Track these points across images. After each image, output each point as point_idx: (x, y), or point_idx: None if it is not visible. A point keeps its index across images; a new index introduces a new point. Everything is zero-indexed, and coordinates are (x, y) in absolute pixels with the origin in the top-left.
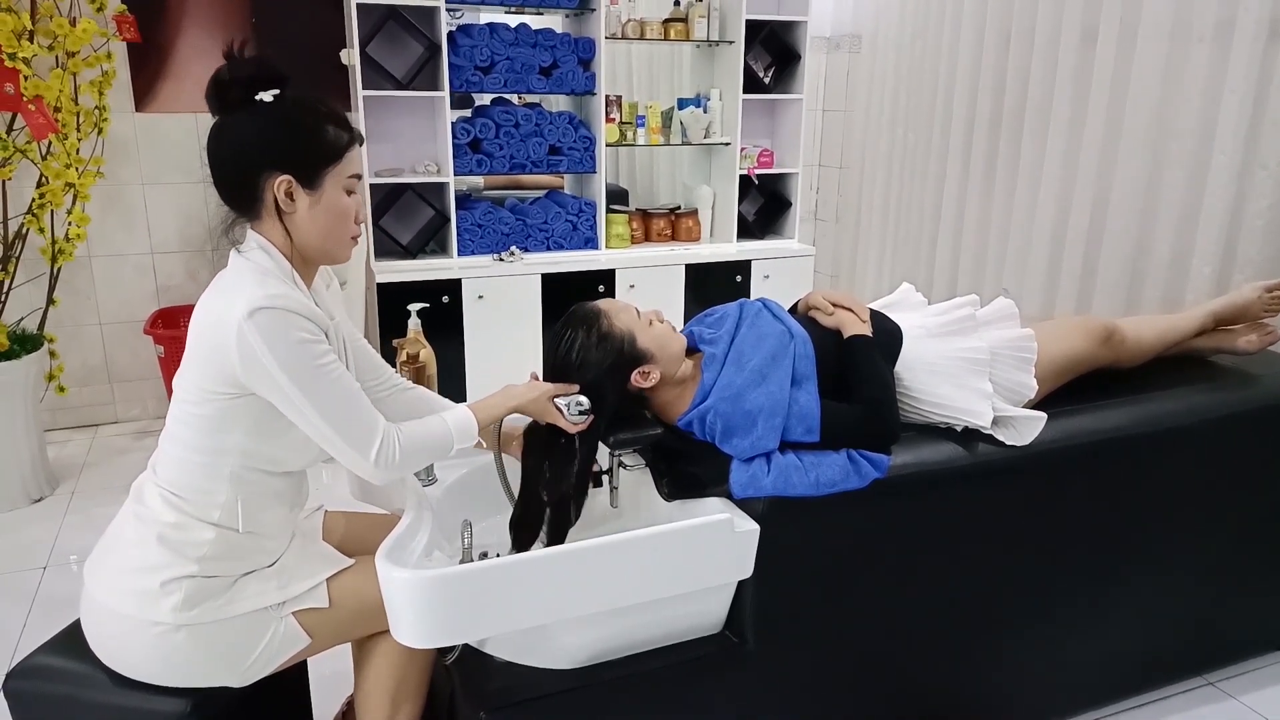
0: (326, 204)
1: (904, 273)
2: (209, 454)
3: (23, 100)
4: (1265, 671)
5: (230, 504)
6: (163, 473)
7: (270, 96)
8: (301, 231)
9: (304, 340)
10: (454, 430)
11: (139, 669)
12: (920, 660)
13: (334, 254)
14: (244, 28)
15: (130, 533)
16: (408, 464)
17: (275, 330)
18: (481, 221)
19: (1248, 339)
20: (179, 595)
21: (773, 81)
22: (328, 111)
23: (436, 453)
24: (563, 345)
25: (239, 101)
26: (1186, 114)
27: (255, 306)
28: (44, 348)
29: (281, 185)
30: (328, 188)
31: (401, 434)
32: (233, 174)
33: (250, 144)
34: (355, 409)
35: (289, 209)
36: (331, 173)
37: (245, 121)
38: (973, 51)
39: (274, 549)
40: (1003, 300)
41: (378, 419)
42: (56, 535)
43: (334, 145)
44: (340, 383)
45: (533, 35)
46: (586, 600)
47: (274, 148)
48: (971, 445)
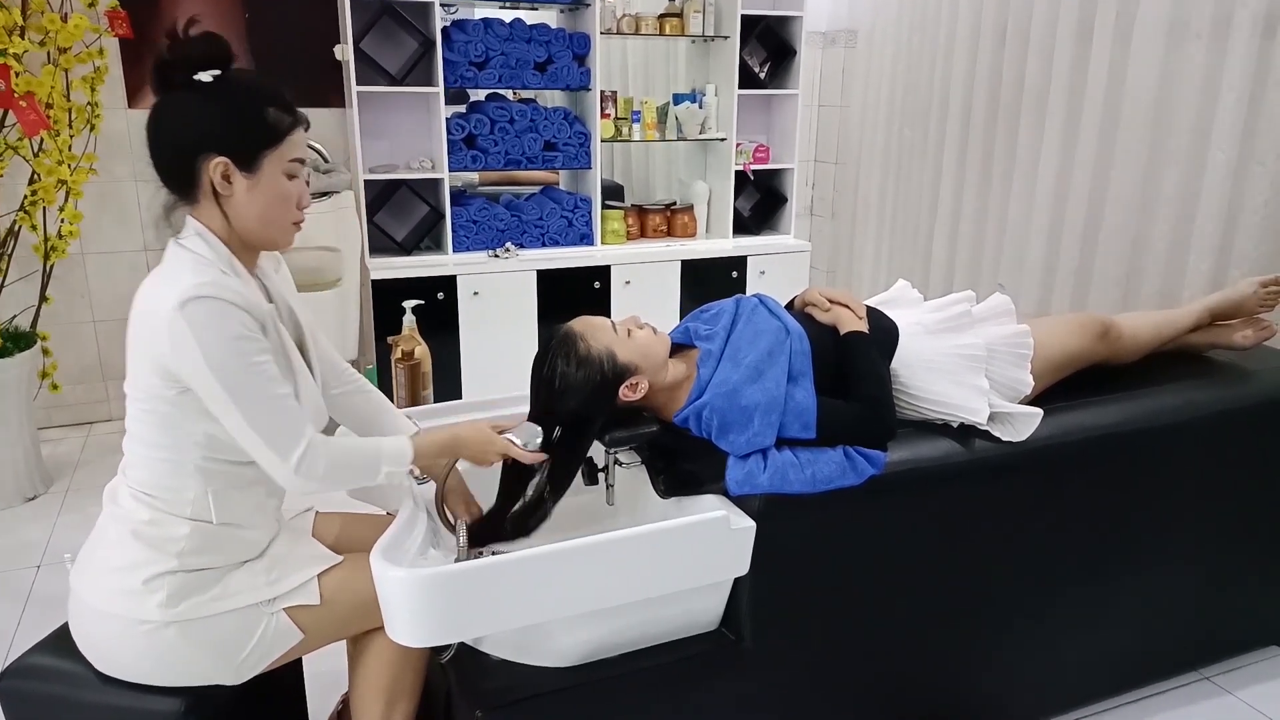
0: (265, 188)
1: (900, 269)
2: (170, 450)
3: (14, 97)
4: (1261, 666)
5: (201, 497)
6: (131, 474)
7: (210, 77)
8: (240, 216)
9: (238, 336)
10: (385, 455)
11: (131, 669)
12: (916, 656)
13: (275, 240)
14: (237, 22)
15: (110, 534)
16: (330, 478)
17: (207, 323)
18: (476, 218)
19: (1244, 334)
20: (163, 592)
21: (768, 77)
22: (270, 93)
23: (362, 474)
24: (544, 377)
25: (179, 82)
26: (1183, 110)
27: (187, 297)
28: (37, 345)
29: (218, 168)
30: (266, 171)
31: (329, 446)
32: (169, 155)
33: (187, 125)
34: (282, 412)
35: (226, 192)
36: (271, 156)
37: (184, 101)
38: (969, 47)
39: (256, 540)
40: (999, 296)
41: (305, 426)
42: (50, 534)
43: (274, 127)
44: (271, 384)
45: (527, 30)
46: (582, 598)
47: (211, 129)
48: (968, 442)
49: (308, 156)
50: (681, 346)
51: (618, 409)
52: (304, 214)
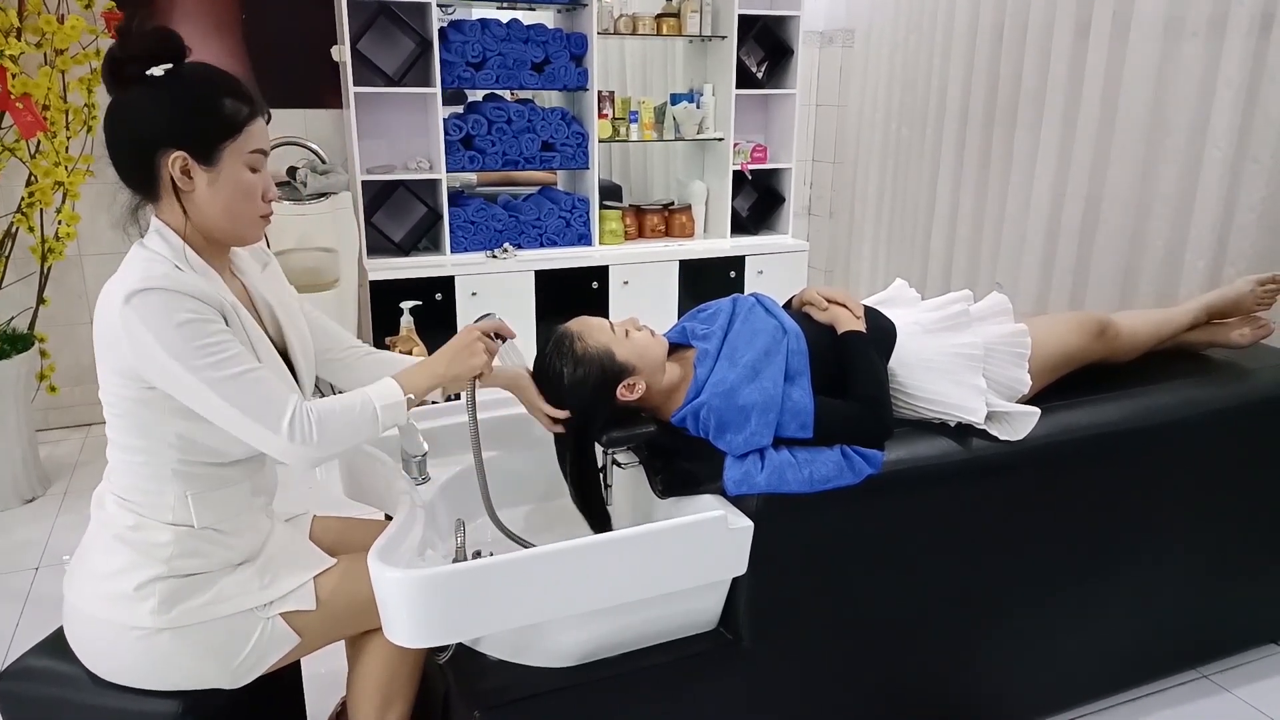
0: (226, 181)
1: (898, 268)
2: (146, 454)
3: (10, 98)
4: (1260, 664)
5: (180, 501)
6: (114, 480)
7: (161, 71)
8: (202, 211)
9: (189, 322)
10: (374, 395)
11: (127, 675)
12: (915, 655)
13: (241, 234)
14: (234, 23)
15: (99, 541)
16: (328, 439)
17: (156, 311)
18: (474, 218)
19: (1241, 332)
20: (155, 599)
21: (766, 76)
22: (226, 84)
23: (359, 422)
24: (542, 378)
25: (132, 78)
26: (1179, 108)
27: (131, 290)
28: (35, 347)
29: (176, 162)
30: (227, 164)
31: (316, 407)
32: (127, 153)
33: (143, 121)
34: (257, 385)
35: (186, 187)
36: (230, 148)
37: (138, 98)
38: (966, 46)
39: (245, 542)
40: (996, 295)
41: (287, 394)
42: (49, 536)
43: (232, 119)
44: (237, 360)
45: (525, 31)
46: (580, 598)
47: (167, 124)
48: (965, 441)
49: (268, 148)
50: (678, 346)
51: (616, 409)
52: (271, 206)
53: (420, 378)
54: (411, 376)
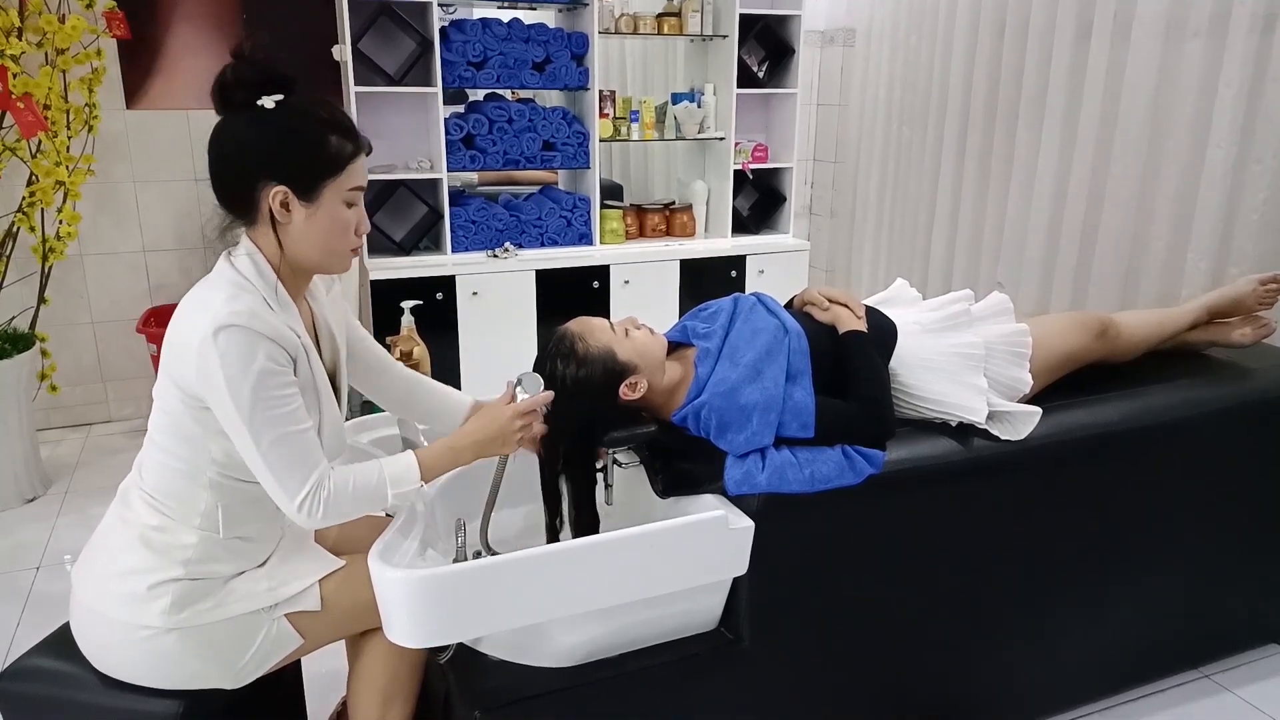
0: (324, 216)
1: (899, 268)
2: (187, 462)
3: (11, 98)
4: (1261, 664)
5: (211, 510)
6: (146, 477)
7: (272, 103)
8: (296, 244)
9: (263, 371)
10: (390, 480)
11: (131, 672)
12: (915, 655)
13: (330, 266)
14: (234, 23)
15: (116, 537)
16: (332, 514)
17: (234, 352)
18: (475, 218)
19: (1242, 332)
20: (167, 599)
21: (767, 76)
22: (332, 120)
23: (367, 503)
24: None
25: (241, 104)
26: (1181, 108)
27: (220, 325)
28: (36, 347)
29: (277, 196)
30: (326, 200)
31: (333, 482)
32: (229, 179)
33: (248, 151)
34: (295, 450)
35: (284, 220)
36: (331, 185)
37: (245, 126)
38: (967, 45)
39: (259, 553)
40: (997, 295)
41: (314, 467)
42: (50, 535)
43: (336, 157)
44: (288, 421)
45: (525, 30)
46: (581, 598)
47: (271, 157)
48: (966, 441)
49: (366, 184)
50: (678, 345)
51: (617, 409)
52: (362, 240)
53: (443, 463)
54: (435, 460)
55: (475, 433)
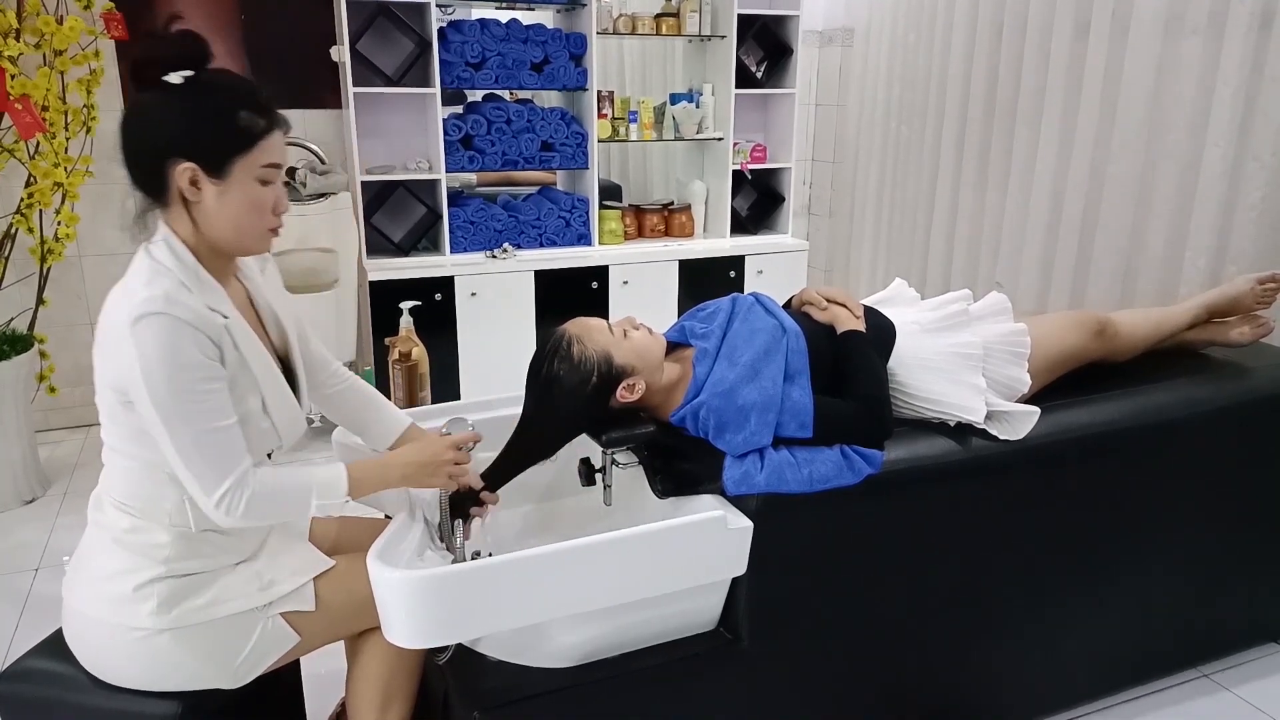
0: (237, 194)
1: (897, 267)
2: (145, 461)
3: (9, 99)
4: (1259, 663)
5: (179, 505)
6: (109, 483)
7: (180, 78)
8: (209, 223)
9: (184, 365)
10: (317, 487)
11: (127, 676)
12: (914, 655)
13: (248, 247)
14: (233, 23)
15: (96, 544)
16: (252, 515)
17: (154, 342)
18: (474, 218)
19: (1240, 331)
20: (154, 600)
21: (765, 76)
22: (243, 95)
23: (291, 509)
24: (541, 380)
25: (152, 81)
26: (1179, 107)
27: (138, 315)
28: (34, 348)
29: (185, 173)
30: (238, 177)
31: (255, 484)
32: (138, 158)
33: (156, 127)
34: (211, 446)
35: (195, 199)
36: (242, 161)
37: (154, 103)
38: (965, 44)
39: (243, 544)
40: (996, 295)
41: (234, 465)
42: (48, 537)
43: (246, 132)
44: (207, 417)
45: (524, 31)
46: (580, 599)
47: (179, 133)
48: (965, 440)
49: (285, 160)
50: (676, 345)
51: (615, 410)
52: (281, 220)
53: (371, 480)
54: (364, 475)
55: (406, 456)
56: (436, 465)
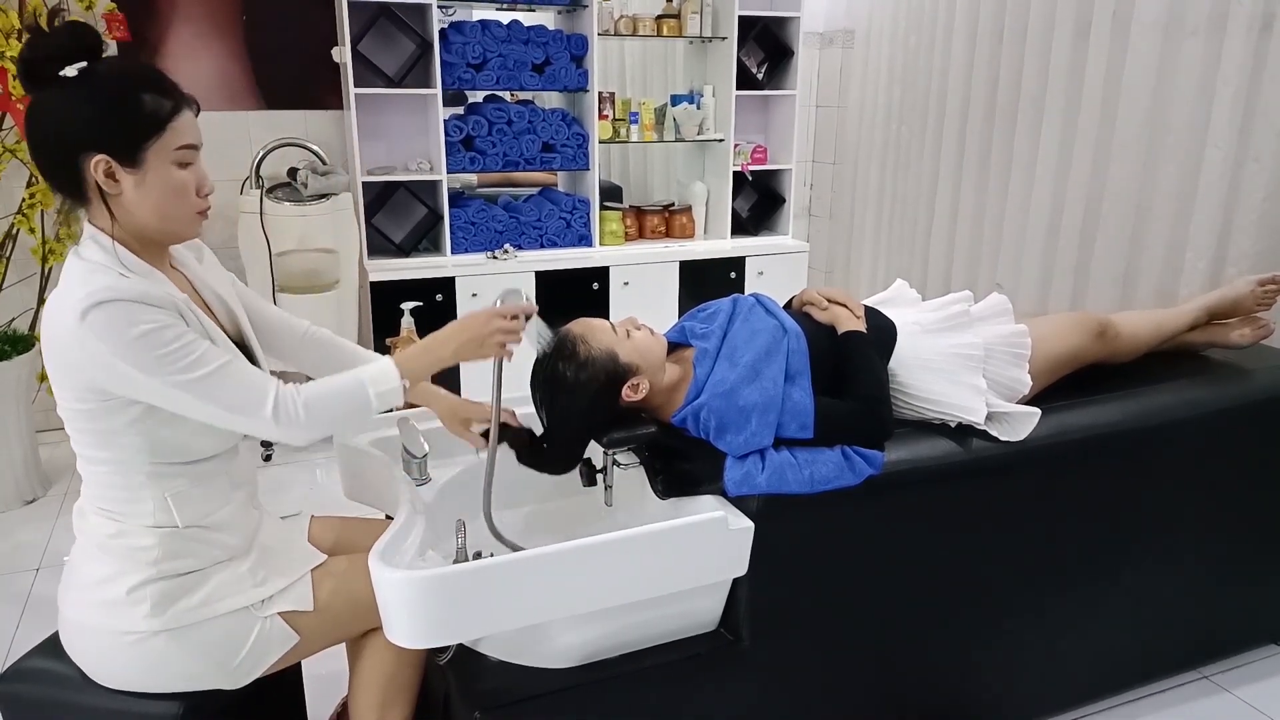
0: (155, 181)
1: (898, 268)
2: (116, 463)
3: (12, 99)
4: (1260, 665)
5: (160, 504)
6: (89, 491)
7: (75, 71)
8: (133, 214)
9: (147, 331)
10: (369, 381)
11: (126, 680)
12: (915, 656)
13: (176, 232)
14: (234, 25)
15: (85, 551)
16: (316, 418)
17: (114, 326)
18: (475, 219)
19: (1241, 332)
20: (147, 603)
21: (766, 77)
22: (145, 79)
23: (352, 409)
24: (546, 381)
25: (47, 79)
26: (1180, 108)
27: (84, 307)
28: (35, 348)
29: (99, 166)
30: (152, 163)
31: (304, 391)
32: (49, 158)
33: (60, 124)
34: (231, 376)
35: (113, 191)
36: (154, 146)
37: (54, 100)
38: (966, 46)
39: (232, 540)
40: (996, 296)
41: (266, 380)
42: (49, 537)
43: (153, 116)
44: (206, 356)
45: (525, 32)
46: (581, 599)
47: (85, 126)
48: (966, 441)
49: (200, 140)
50: (677, 345)
51: (618, 410)
52: (208, 201)
53: (421, 363)
54: (413, 360)
55: (453, 333)
56: (487, 336)
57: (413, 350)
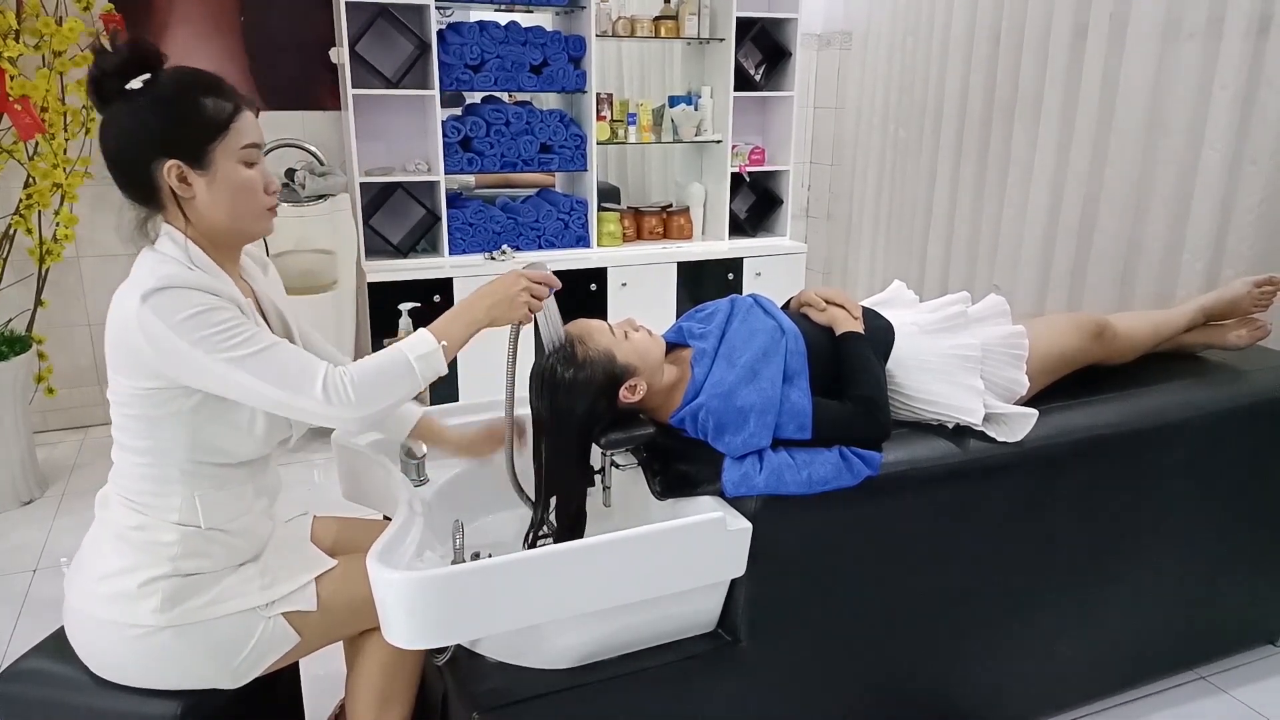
0: (224, 181)
1: (896, 270)
2: (153, 455)
3: (9, 100)
4: (1257, 665)
5: (188, 502)
6: (118, 481)
7: (140, 83)
8: (206, 215)
9: (201, 310)
10: (408, 349)
11: (127, 673)
12: (912, 657)
13: (249, 230)
14: (232, 26)
15: (102, 541)
16: (366, 395)
17: (172, 306)
18: (473, 220)
19: (1237, 334)
20: (158, 596)
21: (764, 79)
22: (204, 84)
23: (396, 380)
24: (544, 382)
25: (114, 94)
26: (1177, 110)
27: (146, 291)
28: (32, 349)
29: (171, 171)
30: (220, 163)
31: (349, 369)
32: (124, 169)
33: (130, 135)
34: (282, 356)
35: (186, 194)
36: (220, 148)
37: (123, 113)
38: (964, 48)
39: (248, 543)
40: (994, 297)
41: (316, 361)
42: (46, 537)
43: (215, 118)
44: (257, 338)
45: (523, 33)
46: (579, 600)
47: (154, 134)
48: (963, 442)
49: (263, 140)
50: (674, 346)
51: (616, 411)
52: (275, 198)
53: (456, 325)
54: (446, 324)
55: (484, 294)
56: (515, 294)
57: (446, 315)
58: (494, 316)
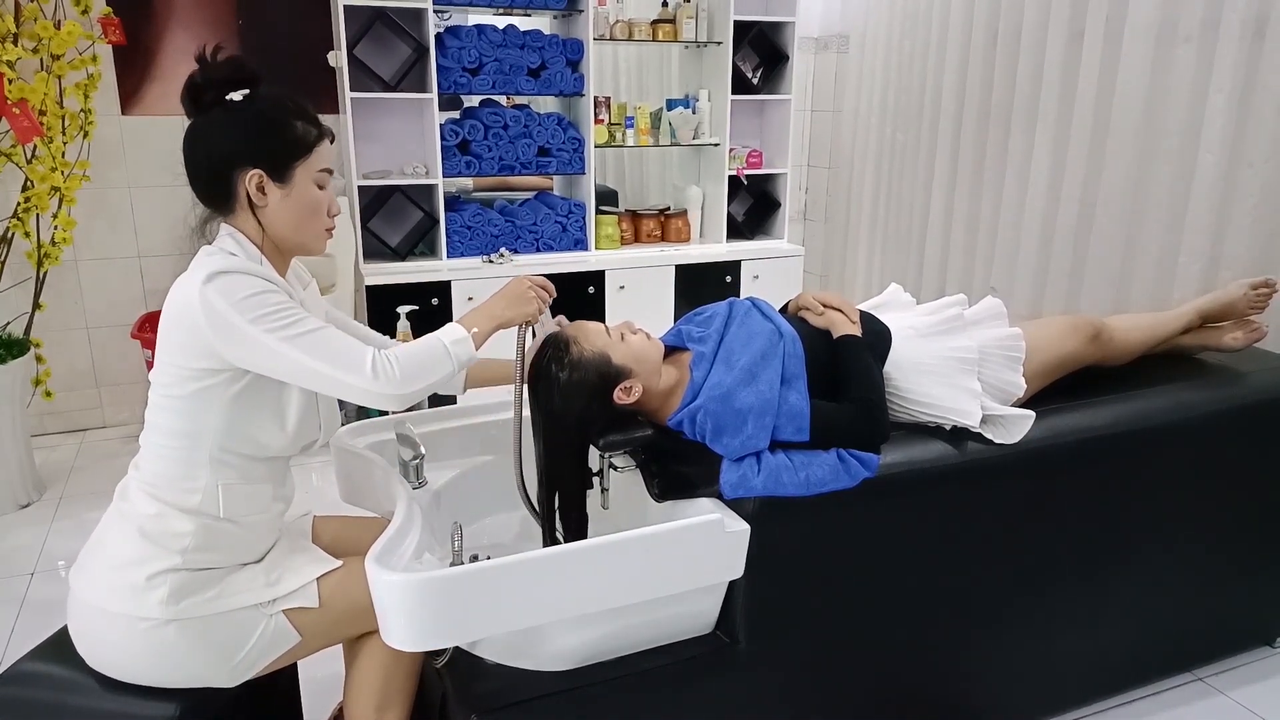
0: (298, 197)
1: (893, 272)
2: (187, 438)
3: (7, 103)
4: (1254, 667)
5: (210, 489)
6: (144, 466)
7: (241, 96)
8: (274, 223)
9: (260, 291)
10: (442, 336)
11: (128, 668)
12: (911, 658)
13: (307, 245)
14: (230, 29)
15: (114, 533)
16: (410, 375)
17: (231, 286)
18: (470, 223)
19: (1234, 336)
20: (165, 589)
21: (761, 82)
22: (297, 108)
23: (433, 362)
24: (539, 383)
25: (212, 103)
26: (1173, 113)
27: (210, 273)
28: (30, 352)
29: (253, 179)
30: (298, 181)
31: (391, 353)
32: (207, 173)
33: (223, 142)
34: (334, 338)
35: (261, 202)
36: (301, 166)
37: (218, 121)
38: (960, 51)
39: (257, 542)
40: (991, 299)
41: (362, 345)
42: (44, 541)
43: (303, 140)
44: (309, 321)
45: (521, 37)
46: (578, 601)
47: (246, 144)
48: (961, 444)
49: (334, 167)
50: (674, 349)
51: (613, 413)
52: (335, 221)
53: (480, 318)
54: (472, 319)
55: (500, 294)
56: (524, 292)
57: (469, 313)
58: (511, 314)
